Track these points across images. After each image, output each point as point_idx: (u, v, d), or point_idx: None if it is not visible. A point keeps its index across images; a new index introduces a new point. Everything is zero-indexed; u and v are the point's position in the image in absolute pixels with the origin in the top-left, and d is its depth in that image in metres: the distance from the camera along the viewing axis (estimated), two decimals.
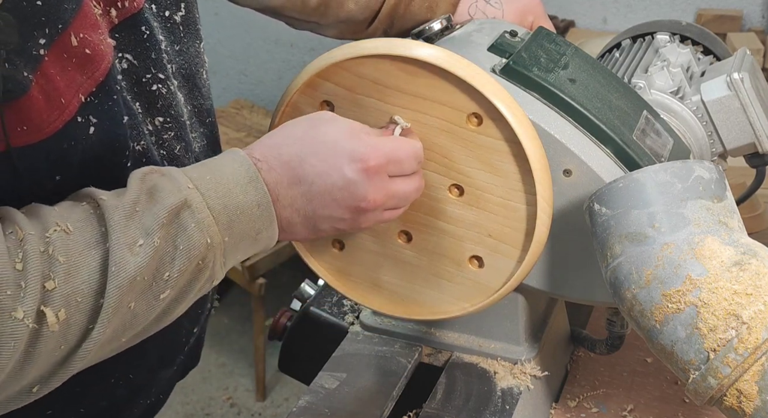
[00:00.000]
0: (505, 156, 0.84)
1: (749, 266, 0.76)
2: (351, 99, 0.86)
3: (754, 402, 0.74)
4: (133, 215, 0.70)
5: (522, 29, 1.00)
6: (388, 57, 0.82)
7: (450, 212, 0.89)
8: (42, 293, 0.65)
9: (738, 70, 1.04)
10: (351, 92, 0.86)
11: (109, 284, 0.67)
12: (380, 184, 0.80)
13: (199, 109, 0.93)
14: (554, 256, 0.94)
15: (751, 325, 0.74)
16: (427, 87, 0.83)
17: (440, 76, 0.82)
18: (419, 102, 0.84)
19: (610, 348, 1.04)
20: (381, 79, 0.84)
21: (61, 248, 0.66)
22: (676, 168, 0.81)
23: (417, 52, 0.82)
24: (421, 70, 0.82)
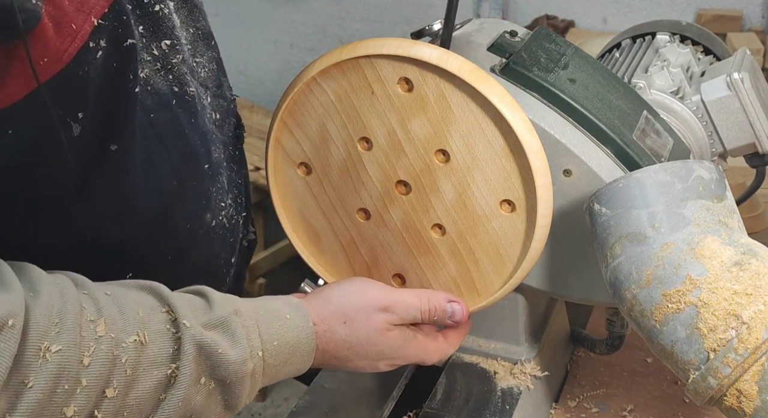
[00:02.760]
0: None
1: (749, 266, 0.76)
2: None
3: (754, 402, 0.74)
4: (207, 356, 0.72)
5: (522, 29, 1.00)
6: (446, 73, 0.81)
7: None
8: (99, 397, 0.65)
9: (738, 70, 1.04)
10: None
11: (160, 409, 0.69)
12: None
13: (203, 31, 0.91)
14: (554, 256, 0.94)
15: (751, 325, 0.74)
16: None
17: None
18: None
19: (610, 348, 1.04)
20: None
21: (132, 359, 0.67)
22: (676, 168, 0.81)
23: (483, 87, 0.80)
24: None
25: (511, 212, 0.84)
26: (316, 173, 0.90)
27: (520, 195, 0.84)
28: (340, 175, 0.88)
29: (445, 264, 0.88)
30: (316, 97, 0.86)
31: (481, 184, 0.83)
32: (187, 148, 0.85)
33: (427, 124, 0.83)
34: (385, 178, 0.87)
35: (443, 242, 0.87)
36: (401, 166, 0.85)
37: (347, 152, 0.87)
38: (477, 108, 0.81)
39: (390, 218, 0.88)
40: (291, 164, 0.90)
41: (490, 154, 0.82)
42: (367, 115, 0.85)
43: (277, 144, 0.90)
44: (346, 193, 0.89)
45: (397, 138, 0.84)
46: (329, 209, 0.91)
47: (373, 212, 0.89)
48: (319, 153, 0.88)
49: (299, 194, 0.92)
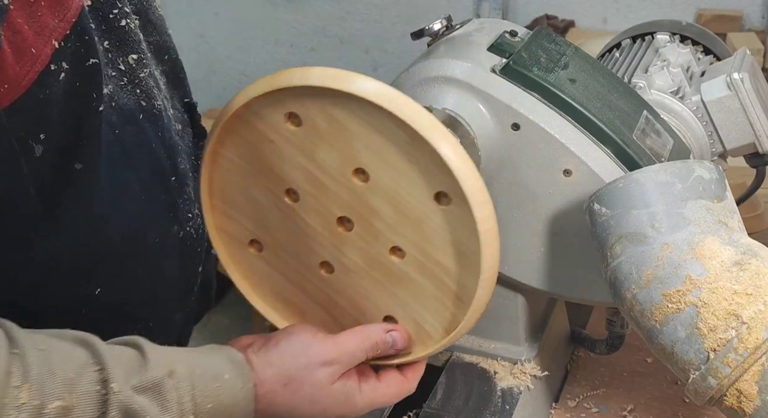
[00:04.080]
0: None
1: (749, 266, 0.76)
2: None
3: (754, 402, 0.74)
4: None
5: (522, 29, 1.00)
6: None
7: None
8: None
9: (738, 70, 1.04)
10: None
11: None
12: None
13: (156, 45, 0.89)
14: (554, 256, 0.94)
15: (751, 325, 0.74)
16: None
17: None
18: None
19: (610, 348, 1.04)
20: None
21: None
22: (676, 168, 0.81)
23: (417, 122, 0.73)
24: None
25: (450, 203, 0.76)
26: (268, 246, 0.85)
27: (447, 183, 0.75)
28: (288, 238, 0.84)
29: (422, 286, 0.81)
30: (227, 168, 0.82)
31: (408, 188, 0.77)
32: (154, 163, 0.85)
33: (332, 151, 0.77)
34: (325, 222, 0.81)
35: (409, 264, 0.81)
36: (332, 202, 0.80)
37: (281, 211, 0.82)
38: (362, 112, 0.75)
39: (351, 261, 0.83)
40: (243, 247, 0.86)
41: (399, 153, 0.75)
42: (278, 165, 0.80)
43: (220, 233, 0.86)
44: (302, 254, 0.84)
45: (314, 176, 0.79)
46: (297, 276, 0.86)
47: (335, 262, 0.83)
48: (259, 224, 0.84)
49: (265, 276, 0.87)
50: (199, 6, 3.32)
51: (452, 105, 0.89)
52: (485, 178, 0.92)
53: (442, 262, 0.79)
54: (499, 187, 0.93)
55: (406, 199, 0.77)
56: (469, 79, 0.90)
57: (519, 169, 0.91)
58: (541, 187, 0.91)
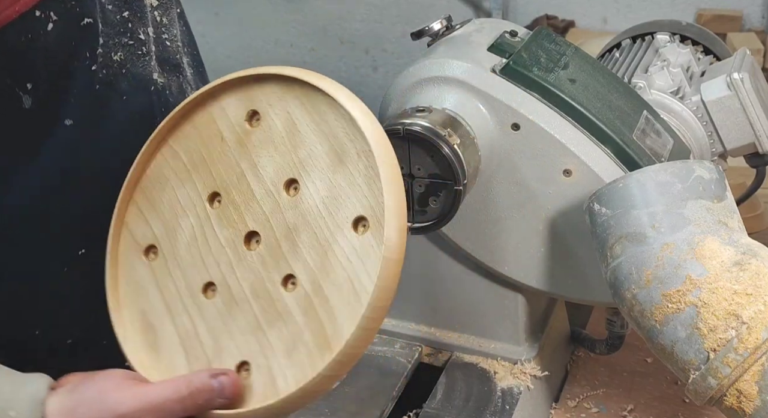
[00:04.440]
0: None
1: (749, 266, 0.76)
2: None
3: (754, 402, 0.74)
4: None
5: (522, 29, 1.00)
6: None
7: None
8: None
9: (738, 70, 1.04)
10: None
11: None
12: None
13: (183, 34, 0.95)
14: (554, 256, 0.94)
15: (751, 325, 0.74)
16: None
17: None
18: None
19: (610, 348, 1.04)
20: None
21: None
22: (676, 168, 0.81)
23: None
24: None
25: (364, 232, 0.70)
26: (163, 255, 0.78)
27: (371, 207, 0.70)
28: (187, 250, 0.77)
29: (297, 328, 0.71)
30: (165, 162, 0.78)
31: (332, 207, 0.71)
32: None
33: (276, 155, 0.74)
34: (234, 235, 0.75)
35: (295, 298, 0.72)
36: (251, 214, 0.75)
37: (196, 217, 0.77)
38: (321, 117, 0.72)
39: (238, 287, 0.74)
40: (136, 250, 0.79)
41: (338, 167, 0.72)
42: (217, 166, 0.76)
43: (122, 227, 0.79)
44: (193, 269, 0.77)
45: (246, 182, 0.75)
46: (173, 297, 0.77)
47: (221, 285, 0.75)
48: (168, 229, 0.78)
49: (142, 288, 0.79)
50: (199, 6, 3.32)
51: (452, 105, 0.89)
52: (485, 177, 0.92)
53: (330, 300, 0.70)
54: (499, 187, 0.93)
55: (325, 220, 0.72)
56: (469, 79, 0.90)
57: (519, 169, 0.91)
58: (541, 187, 0.91)
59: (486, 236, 0.96)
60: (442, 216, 0.88)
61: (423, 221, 0.89)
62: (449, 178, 0.85)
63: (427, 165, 0.86)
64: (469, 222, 0.96)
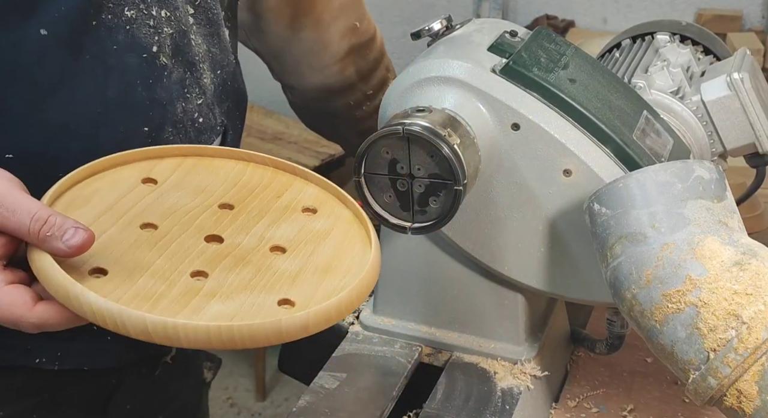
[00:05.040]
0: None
1: (749, 266, 0.76)
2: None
3: (754, 402, 0.74)
4: None
5: (522, 29, 1.00)
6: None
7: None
8: None
9: (738, 70, 1.04)
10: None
11: None
12: None
13: (215, 56, 1.02)
14: (554, 256, 0.94)
15: (751, 325, 0.74)
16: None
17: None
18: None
19: (610, 348, 1.04)
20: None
21: None
22: (676, 168, 0.81)
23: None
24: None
25: (286, 309, 0.75)
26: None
27: (306, 302, 0.76)
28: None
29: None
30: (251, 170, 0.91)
31: (282, 282, 0.77)
32: (127, 98, 0.91)
33: (294, 233, 0.83)
34: (211, 228, 0.82)
35: (186, 285, 0.75)
36: (236, 232, 0.82)
37: (198, 204, 0.86)
38: (354, 241, 0.84)
39: (172, 248, 0.78)
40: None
41: (326, 275, 0.79)
42: (255, 201, 0.87)
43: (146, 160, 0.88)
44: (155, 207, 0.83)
45: (255, 222, 0.84)
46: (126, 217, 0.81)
47: (162, 229, 0.80)
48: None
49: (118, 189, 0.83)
50: None
51: (452, 105, 0.89)
52: (485, 177, 0.92)
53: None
54: (499, 187, 0.93)
55: (267, 282, 0.77)
56: (469, 79, 0.90)
57: (519, 169, 0.91)
58: (541, 187, 0.91)
59: (486, 236, 0.96)
60: (442, 216, 0.88)
61: (423, 221, 0.89)
62: (449, 178, 0.85)
63: (427, 165, 0.86)
64: (469, 222, 0.96)
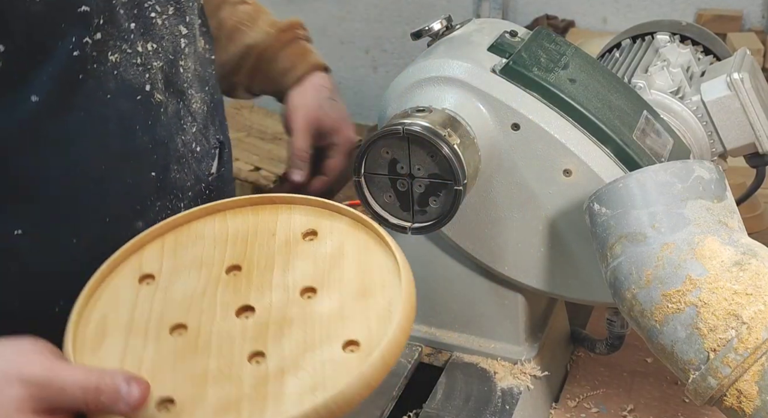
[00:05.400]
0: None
1: (749, 266, 0.76)
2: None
3: (754, 402, 0.74)
4: None
5: (522, 29, 1.00)
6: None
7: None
8: None
9: (738, 70, 1.04)
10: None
11: None
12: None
13: (201, 75, 0.97)
14: (554, 256, 0.94)
15: (751, 325, 0.74)
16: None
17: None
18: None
19: (610, 348, 1.04)
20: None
21: None
22: (676, 168, 0.81)
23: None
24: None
25: (352, 352, 0.72)
26: (156, 286, 0.79)
27: (370, 338, 0.72)
28: (182, 293, 0.79)
29: (241, 393, 0.70)
30: (214, 225, 0.85)
31: (333, 323, 0.74)
32: (131, 145, 0.87)
33: (311, 268, 0.79)
34: (232, 301, 0.77)
35: (252, 371, 0.72)
36: (258, 294, 0.77)
37: (208, 275, 0.80)
38: (370, 260, 0.79)
39: (207, 339, 0.75)
40: (134, 273, 0.80)
41: (362, 300, 0.75)
42: (254, 250, 0.81)
43: (138, 251, 0.82)
44: (175, 309, 0.77)
45: (271, 273, 0.80)
46: (141, 318, 0.77)
47: (191, 330, 0.75)
48: (175, 272, 0.81)
49: (118, 298, 0.79)
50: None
51: (452, 105, 0.89)
52: (485, 177, 0.92)
53: (286, 389, 0.70)
54: (499, 187, 0.93)
55: (321, 328, 0.73)
56: (469, 79, 0.90)
57: (519, 169, 0.91)
58: (541, 187, 0.91)
59: (486, 236, 0.96)
60: (442, 216, 0.88)
61: (423, 221, 0.89)
62: (449, 178, 0.85)
63: (427, 165, 0.86)
64: (469, 222, 0.96)
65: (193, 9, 0.97)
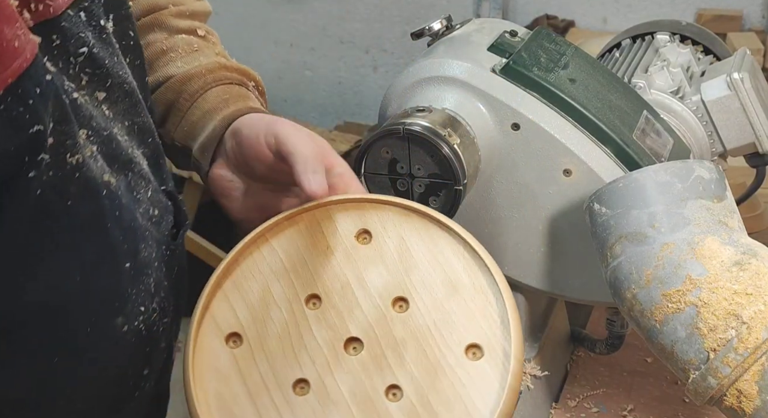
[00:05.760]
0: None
1: (749, 265, 0.76)
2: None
3: (754, 402, 0.74)
4: None
5: (522, 29, 1.00)
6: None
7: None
8: None
9: (738, 70, 1.04)
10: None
11: None
12: None
13: (141, 126, 0.82)
14: (554, 256, 0.94)
15: (751, 325, 0.74)
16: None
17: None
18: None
19: (610, 348, 1.04)
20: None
21: None
22: (676, 168, 0.81)
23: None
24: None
25: (478, 359, 0.72)
26: (248, 344, 0.76)
27: (488, 337, 0.73)
28: (278, 342, 0.75)
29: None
30: (263, 256, 0.78)
31: (444, 330, 0.73)
32: (103, 245, 0.76)
33: (386, 273, 0.76)
34: (333, 338, 0.75)
35: (399, 409, 0.72)
36: (354, 320, 0.75)
37: (291, 314, 0.76)
38: (438, 249, 0.76)
39: (335, 388, 0.73)
40: (219, 336, 0.76)
41: (454, 296, 0.74)
42: (319, 271, 0.76)
43: (206, 313, 0.77)
44: (283, 363, 0.75)
45: (351, 290, 0.76)
46: (258, 387, 0.75)
47: (315, 383, 0.73)
48: (256, 319, 0.76)
49: (222, 374, 0.75)
50: None
51: (452, 105, 0.89)
52: (485, 177, 0.92)
53: (440, 416, 0.71)
54: (499, 187, 0.93)
55: (436, 342, 0.73)
56: (469, 79, 0.90)
57: (519, 169, 0.91)
58: (541, 187, 0.91)
59: (486, 235, 0.96)
60: None
61: None
62: (449, 178, 0.85)
63: (427, 165, 0.86)
64: (469, 222, 0.96)
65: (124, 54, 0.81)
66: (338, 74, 3.35)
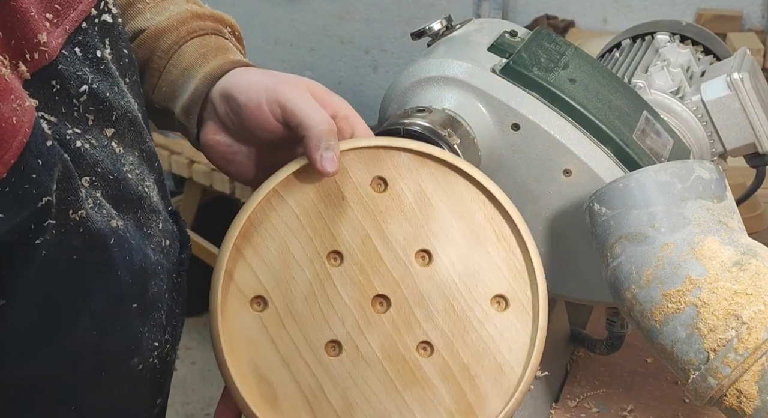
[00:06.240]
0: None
1: (749, 266, 0.76)
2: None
3: (754, 402, 0.74)
4: None
5: (522, 29, 1.00)
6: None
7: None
8: None
9: (738, 70, 1.04)
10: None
11: None
12: None
13: (147, 153, 0.79)
14: (554, 256, 0.94)
15: (751, 325, 0.74)
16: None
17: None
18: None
19: (610, 348, 1.04)
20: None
21: None
22: (676, 168, 0.81)
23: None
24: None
25: (505, 309, 0.74)
26: (275, 307, 0.75)
27: (514, 288, 0.74)
28: (304, 304, 0.74)
29: (437, 392, 0.73)
30: (277, 213, 0.75)
31: (469, 282, 0.73)
32: (114, 292, 0.72)
33: (406, 224, 0.74)
34: (360, 296, 0.74)
35: (432, 364, 0.73)
36: (378, 277, 0.74)
37: (314, 273, 0.75)
38: (457, 196, 0.75)
39: (367, 347, 0.74)
40: (243, 302, 0.75)
41: (476, 246, 0.74)
42: (337, 225, 0.75)
43: (227, 279, 0.75)
44: (313, 325, 0.74)
45: (372, 245, 0.74)
46: (290, 351, 0.74)
47: (347, 343, 0.74)
48: (279, 281, 0.75)
49: (252, 340, 0.75)
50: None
51: (452, 105, 0.89)
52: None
53: (473, 372, 0.73)
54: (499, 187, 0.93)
55: (462, 295, 0.73)
56: (469, 79, 0.90)
57: (519, 169, 0.91)
58: (541, 187, 0.91)
59: None
60: None
61: None
62: None
63: None
64: None
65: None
66: (338, 74, 3.35)
